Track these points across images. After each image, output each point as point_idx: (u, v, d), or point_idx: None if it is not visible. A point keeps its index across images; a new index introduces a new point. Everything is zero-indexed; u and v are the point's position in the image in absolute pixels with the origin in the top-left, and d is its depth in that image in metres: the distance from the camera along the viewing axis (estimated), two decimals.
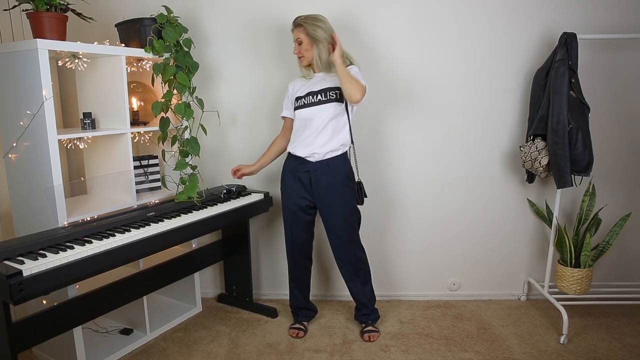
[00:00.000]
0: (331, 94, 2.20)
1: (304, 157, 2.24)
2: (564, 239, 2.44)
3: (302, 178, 2.27)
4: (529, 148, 2.41)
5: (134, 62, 2.47)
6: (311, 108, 2.22)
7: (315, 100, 2.22)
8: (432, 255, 2.80)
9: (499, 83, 2.59)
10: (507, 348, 2.26)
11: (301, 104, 2.25)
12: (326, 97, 2.21)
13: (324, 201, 2.27)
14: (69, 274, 1.64)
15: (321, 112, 2.20)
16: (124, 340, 2.33)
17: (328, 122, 2.20)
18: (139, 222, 2.05)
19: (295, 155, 2.27)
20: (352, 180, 2.31)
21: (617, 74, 2.54)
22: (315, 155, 2.22)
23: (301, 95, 2.26)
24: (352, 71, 2.15)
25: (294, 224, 2.35)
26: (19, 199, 2.08)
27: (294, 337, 2.41)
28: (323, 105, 2.20)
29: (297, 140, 2.26)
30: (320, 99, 2.21)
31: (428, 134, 2.66)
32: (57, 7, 1.96)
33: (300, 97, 2.26)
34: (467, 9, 2.53)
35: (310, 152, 2.22)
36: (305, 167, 2.25)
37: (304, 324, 2.48)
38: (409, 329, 2.47)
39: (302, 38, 2.20)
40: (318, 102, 2.21)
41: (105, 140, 2.32)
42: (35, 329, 1.81)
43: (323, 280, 2.86)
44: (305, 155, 2.23)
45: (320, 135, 2.20)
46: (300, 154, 2.24)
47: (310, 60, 2.24)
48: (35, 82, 1.86)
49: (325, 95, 2.21)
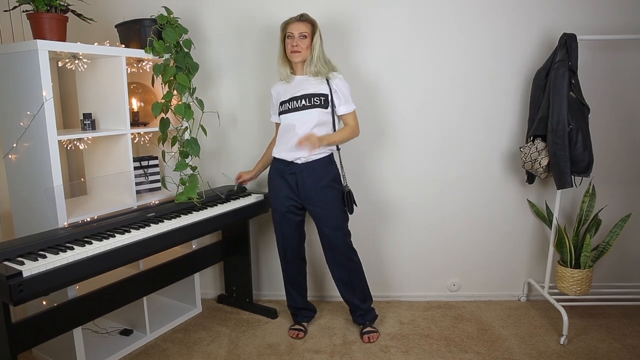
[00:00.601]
0: (315, 99, 2.19)
1: (289, 160, 2.24)
2: (564, 239, 2.44)
3: (288, 180, 2.26)
4: (529, 149, 2.41)
5: (134, 62, 2.47)
6: (295, 113, 2.21)
7: (299, 106, 2.20)
8: (432, 256, 2.80)
9: (498, 84, 2.59)
10: (507, 349, 2.26)
11: (285, 108, 2.24)
12: (310, 103, 2.19)
13: (311, 203, 2.26)
14: (69, 274, 1.64)
15: (305, 118, 2.19)
16: (124, 341, 2.33)
17: (312, 129, 2.19)
18: (139, 222, 2.05)
19: (279, 158, 2.27)
20: (339, 183, 2.30)
21: (617, 74, 2.54)
22: (301, 159, 2.22)
23: (285, 99, 2.25)
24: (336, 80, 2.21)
25: (283, 224, 2.35)
26: (19, 200, 2.08)
27: (293, 338, 2.41)
28: (307, 111, 2.19)
29: (282, 145, 2.25)
30: (304, 104, 2.20)
31: (428, 135, 2.66)
32: (57, 8, 1.96)
33: (284, 102, 2.24)
34: (467, 9, 2.53)
35: (295, 157, 2.22)
36: (291, 169, 2.25)
37: (303, 325, 2.48)
38: (409, 329, 2.47)
39: (308, 34, 2.18)
40: (302, 107, 2.20)
41: (105, 141, 2.32)
42: (35, 329, 1.81)
43: (322, 281, 2.85)
44: (290, 158, 2.23)
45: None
46: (285, 157, 2.24)
47: (305, 58, 2.20)
48: (35, 83, 1.86)
49: (310, 100, 2.20)
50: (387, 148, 2.69)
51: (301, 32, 2.16)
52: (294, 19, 2.20)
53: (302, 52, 2.18)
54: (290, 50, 2.19)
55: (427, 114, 2.64)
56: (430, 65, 2.60)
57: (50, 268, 1.58)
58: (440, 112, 2.64)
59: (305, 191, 2.24)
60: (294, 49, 2.18)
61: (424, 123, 2.65)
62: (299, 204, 2.30)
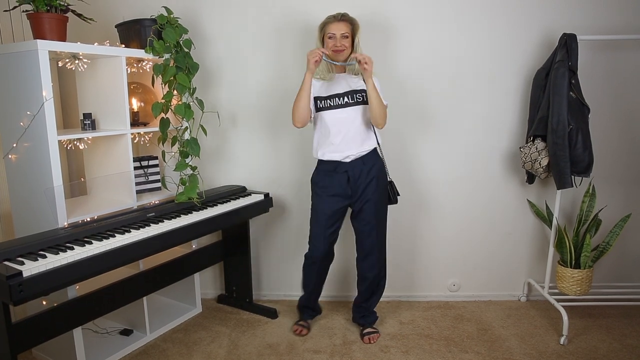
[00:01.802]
0: (358, 96, 2.18)
1: (339, 160, 2.22)
2: (564, 239, 2.44)
3: (339, 179, 2.23)
4: (529, 149, 2.41)
5: (134, 62, 2.47)
6: (337, 111, 2.18)
7: (342, 103, 2.18)
8: (432, 255, 2.80)
9: (498, 84, 2.59)
10: (507, 349, 2.26)
11: (325, 105, 2.20)
12: (353, 100, 2.18)
13: (361, 196, 2.23)
14: (69, 274, 1.64)
15: (350, 116, 2.18)
16: (124, 341, 2.33)
17: (359, 126, 2.19)
18: (139, 222, 2.05)
19: (328, 160, 2.23)
20: (384, 174, 2.30)
21: (617, 74, 2.54)
22: (350, 157, 2.20)
23: (323, 96, 2.21)
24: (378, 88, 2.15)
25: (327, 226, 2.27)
26: (19, 200, 2.08)
27: (297, 333, 2.42)
28: (351, 108, 2.18)
29: (328, 147, 2.22)
30: (347, 102, 2.18)
31: (428, 135, 2.66)
32: (57, 8, 1.96)
33: (322, 98, 2.21)
34: (467, 9, 2.53)
35: (344, 155, 2.20)
36: (342, 168, 2.22)
37: (308, 322, 2.49)
38: (409, 329, 2.47)
39: (349, 33, 2.16)
40: (345, 105, 2.18)
41: (105, 141, 2.32)
42: (35, 329, 1.81)
43: None
44: (338, 158, 2.21)
45: (354, 139, 2.19)
46: (332, 158, 2.21)
47: (347, 56, 2.19)
48: (35, 83, 1.86)
49: (352, 97, 2.18)
50: (386, 148, 2.69)
51: (343, 32, 2.15)
52: (334, 18, 2.17)
53: (345, 50, 2.17)
54: (332, 50, 2.16)
55: (427, 114, 2.64)
56: (430, 65, 2.59)
57: (50, 268, 1.58)
58: (440, 112, 2.64)
59: (357, 186, 2.23)
60: (337, 48, 2.16)
61: (424, 123, 2.65)
62: (345, 205, 2.28)
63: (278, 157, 2.74)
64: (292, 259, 2.80)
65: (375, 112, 2.14)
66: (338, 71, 2.25)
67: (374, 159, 2.25)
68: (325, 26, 2.18)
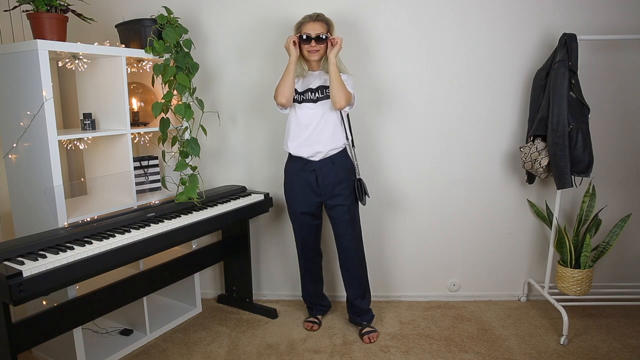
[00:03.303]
0: (327, 91, 2.22)
1: (307, 158, 2.25)
2: (564, 239, 2.44)
3: (308, 177, 2.28)
4: (529, 149, 2.41)
5: (134, 62, 2.47)
6: (310, 105, 2.23)
7: (313, 97, 2.23)
8: (432, 255, 2.80)
9: (498, 84, 2.59)
10: (507, 349, 2.26)
11: (299, 99, 2.25)
12: (323, 95, 2.23)
13: (331, 196, 2.28)
14: (69, 274, 1.64)
15: (320, 110, 2.23)
16: (124, 341, 2.33)
17: (328, 119, 2.23)
18: (139, 222, 2.05)
19: (297, 156, 2.28)
20: (353, 174, 2.33)
21: (617, 74, 2.54)
22: (319, 154, 2.23)
23: (299, 91, 2.26)
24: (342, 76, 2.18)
25: (303, 229, 2.40)
26: (19, 200, 2.08)
27: (308, 329, 2.46)
28: (321, 102, 2.23)
29: (299, 140, 2.26)
30: (318, 97, 2.23)
31: (428, 135, 2.66)
32: (57, 7, 1.96)
33: (298, 93, 2.26)
34: (467, 9, 2.53)
35: (313, 152, 2.23)
36: (310, 167, 2.26)
37: (318, 317, 2.52)
38: (409, 329, 2.47)
39: (324, 34, 2.17)
40: (317, 100, 2.23)
41: (105, 140, 2.32)
42: (35, 329, 1.81)
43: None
44: (308, 155, 2.25)
45: (323, 132, 2.22)
46: (303, 154, 2.25)
47: (322, 56, 2.23)
48: (35, 83, 1.86)
49: (323, 92, 2.23)
50: (386, 149, 2.69)
51: (318, 32, 2.16)
52: (310, 18, 2.19)
53: (319, 51, 2.20)
54: (307, 50, 2.20)
55: (427, 114, 2.64)
56: (430, 65, 2.59)
57: (50, 268, 1.58)
58: (440, 112, 2.64)
59: (325, 187, 2.27)
60: (312, 49, 2.18)
61: (424, 123, 2.65)
62: (318, 205, 2.33)
63: (278, 157, 2.74)
64: (292, 259, 2.80)
65: (333, 87, 2.15)
66: (312, 69, 2.29)
67: (342, 159, 2.29)
68: (302, 26, 2.20)
